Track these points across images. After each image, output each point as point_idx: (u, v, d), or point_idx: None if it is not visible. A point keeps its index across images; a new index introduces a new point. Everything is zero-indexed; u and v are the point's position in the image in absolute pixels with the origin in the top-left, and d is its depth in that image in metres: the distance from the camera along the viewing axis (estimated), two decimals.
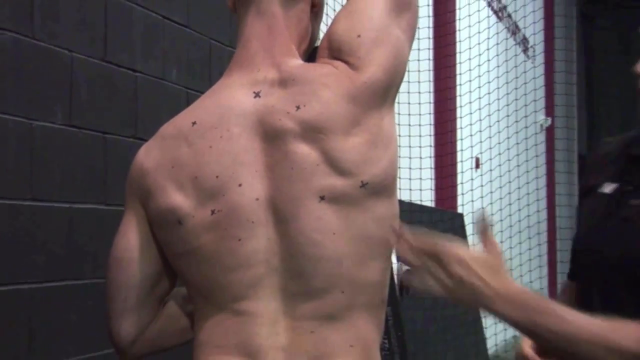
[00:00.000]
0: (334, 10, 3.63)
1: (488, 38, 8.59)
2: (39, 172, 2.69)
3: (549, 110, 12.04)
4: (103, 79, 2.99)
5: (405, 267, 1.62)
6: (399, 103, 1.81)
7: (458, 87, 8.05)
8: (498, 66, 8.69)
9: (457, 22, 8.00)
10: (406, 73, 1.70)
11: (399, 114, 5.79)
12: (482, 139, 8.40)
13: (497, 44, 9.09)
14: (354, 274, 1.59)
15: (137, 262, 1.67)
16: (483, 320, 6.91)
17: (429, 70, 7.63)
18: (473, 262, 1.56)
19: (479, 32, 8.13)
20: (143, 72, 3.19)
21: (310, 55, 1.73)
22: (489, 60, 8.34)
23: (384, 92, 1.62)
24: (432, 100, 7.77)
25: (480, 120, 8.34)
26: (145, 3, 3.21)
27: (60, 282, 2.78)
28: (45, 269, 2.72)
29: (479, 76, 8.21)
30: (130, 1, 3.13)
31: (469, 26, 8.07)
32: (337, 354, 1.58)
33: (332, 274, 1.58)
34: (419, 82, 6.96)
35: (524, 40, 10.91)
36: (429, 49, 7.58)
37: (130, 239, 1.68)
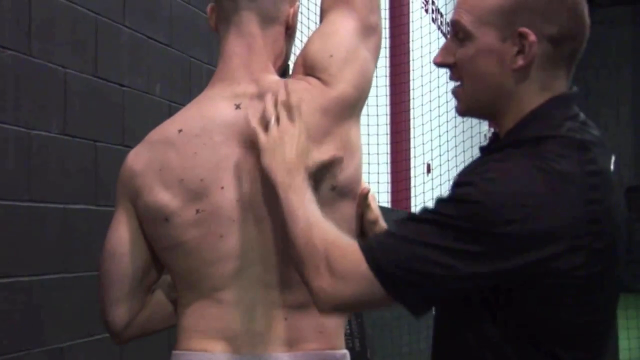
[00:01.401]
0: (302, 32, 3.65)
1: None
2: (36, 176, 2.67)
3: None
4: (94, 93, 2.97)
5: None
6: None
7: (412, 101, 8.10)
8: (447, 82, 8.76)
9: (411, 44, 8.06)
10: None
11: None
12: (432, 147, 8.45)
13: None
14: None
15: (128, 256, 1.66)
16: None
17: (386, 85, 7.68)
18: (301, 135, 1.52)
19: (430, 52, 8.18)
20: (130, 87, 3.18)
21: (283, 71, 1.73)
22: (438, 77, 8.39)
23: (353, 106, 1.63)
24: (388, 113, 7.81)
25: (431, 130, 8.39)
26: (131, 25, 3.19)
27: (56, 274, 2.76)
28: (42, 264, 2.70)
29: (430, 91, 8.27)
30: (118, 23, 3.12)
31: (421, 47, 8.13)
32: (307, 338, 1.59)
33: None
34: (377, 96, 7.00)
35: None
36: (385, 67, 7.63)
37: (122, 235, 1.67)
